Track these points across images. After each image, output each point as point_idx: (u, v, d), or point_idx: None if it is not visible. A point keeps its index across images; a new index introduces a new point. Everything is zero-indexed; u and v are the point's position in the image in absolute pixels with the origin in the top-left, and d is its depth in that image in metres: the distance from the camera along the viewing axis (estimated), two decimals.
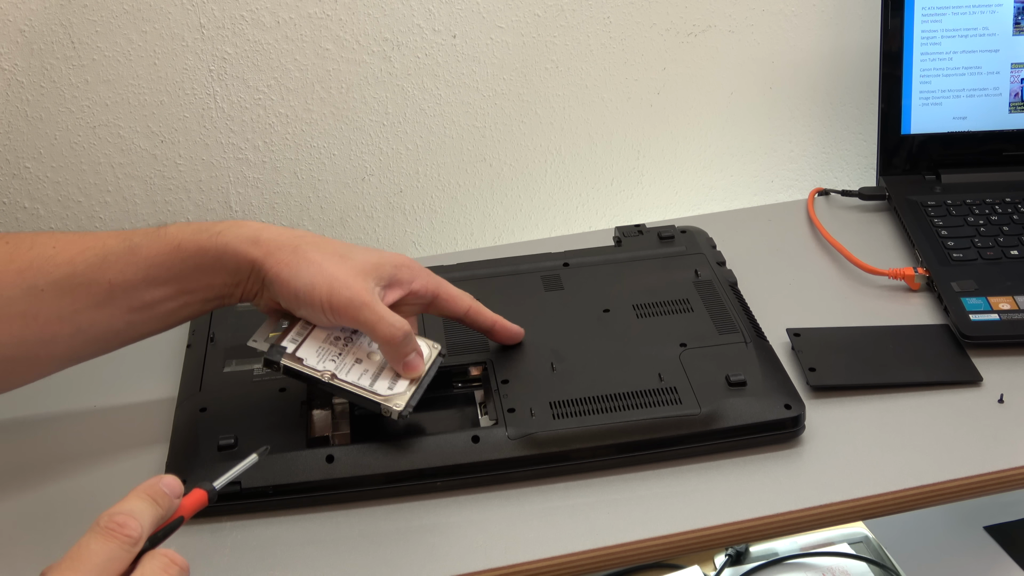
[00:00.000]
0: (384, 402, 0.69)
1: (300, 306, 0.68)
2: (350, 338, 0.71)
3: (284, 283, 0.67)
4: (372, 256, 0.71)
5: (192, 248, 0.67)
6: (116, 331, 0.69)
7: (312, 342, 0.70)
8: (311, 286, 0.67)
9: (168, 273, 0.67)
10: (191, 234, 0.68)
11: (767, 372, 0.74)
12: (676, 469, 0.70)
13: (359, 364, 0.70)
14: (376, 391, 0.69)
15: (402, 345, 0.69)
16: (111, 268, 0.67)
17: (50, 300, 0.66)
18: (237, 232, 0.68)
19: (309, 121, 0.98)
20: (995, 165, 1.01)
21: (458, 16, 0.97)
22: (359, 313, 0.68)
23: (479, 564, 0.64)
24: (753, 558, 1.08)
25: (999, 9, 0.99)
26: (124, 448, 0.74)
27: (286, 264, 0.67)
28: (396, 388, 0.69)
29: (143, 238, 0.68)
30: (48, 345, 0.67)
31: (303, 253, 0.68)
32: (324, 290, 0.67)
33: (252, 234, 0.68)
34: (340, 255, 0.69)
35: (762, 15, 1.05)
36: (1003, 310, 0.82)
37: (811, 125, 1.12)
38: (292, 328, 0.70)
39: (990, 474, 0.70)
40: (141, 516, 0.52)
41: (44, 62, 0.90)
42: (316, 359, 0.69)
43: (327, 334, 0.71)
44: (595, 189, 1.09)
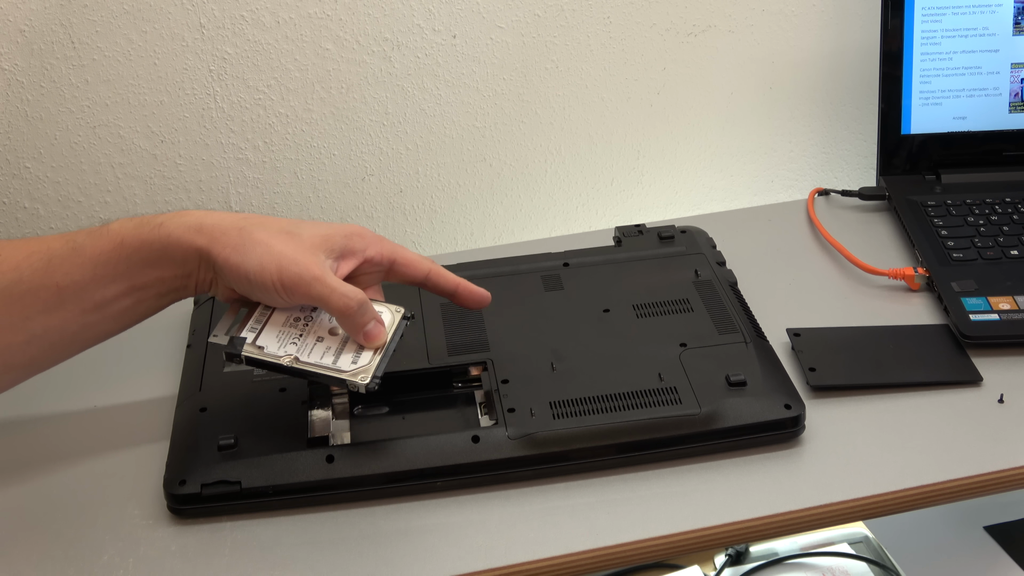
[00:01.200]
0: (349, 378, 0.67)
1: (253, 289, 0.67)
2: (310, 316, 0.70)
3: (234, 268, 0.66)
4: (321, 229, 0.70)
5: (135, 243, 0.66)
6: (72, 335, 0.67)
7: (272, 327, 0.69)
8: (260, 267, 0.66)
9: (115, 270, 0.66)
10: (133, 228, 0.67)
11: (767, 372, 0.74)
12: (676, 469, 0.70)
13: (321, 343, 0.69)
14: (340, 367, 0.68)
15: (358, 315, 0.68)
16: (57, 271, 0.65)
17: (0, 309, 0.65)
18: (179, 222, 0.67)
19: (309, 121, 0.98)
20: (995, 165, 1.01)
21: (458, 16, 0.97)
22: (311, 288, 0.67)
23: (479, 564, 0.64)
24: (753, 558, 1.08)
25: (999, 9, 0.99)
26: (124, 448, 0.74)
27: (233, 248, 0.66)
28: (360, 361, 0.68)
29: (86, 238, 0.67)
30: (1, 355, 0.66)
31: (249, 234, 0.67)
32: (274, 269, 0.66)
33: (195, 222, 0.67)
34: (287, 232, 0.68)
35: (762, 15, 1.05)
36: (1003, 310, 0.82)
37: (811, 125, 1.12)
38: (251, 316, 0.70)
39: (990, 474, 0.70)
40: None
41: (44, 62, 0.90)
42: (277, 344, 0.69)
43: (286, 316, 0.70)
44: (595, 189, 1.09)
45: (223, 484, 0.67)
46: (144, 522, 0.68)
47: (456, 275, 0.75)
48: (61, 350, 0.68)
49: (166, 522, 0.68)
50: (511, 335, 0.79)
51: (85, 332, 0.68)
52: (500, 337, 0.79)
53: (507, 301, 0.83)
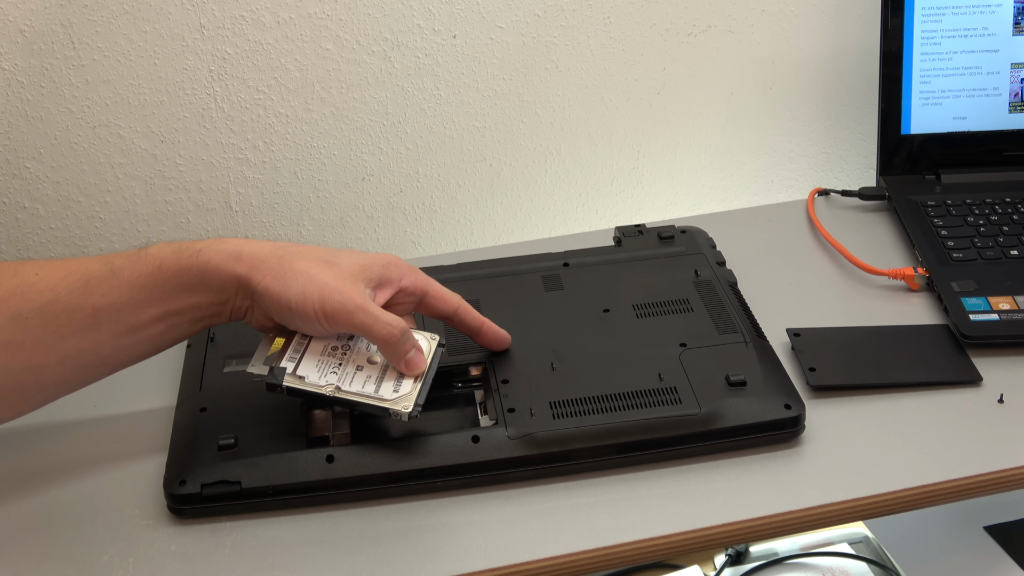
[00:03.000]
0: (392, 406, 0.68)
1: (293, 317, 0.68)
2: (348, 345, 0.71)
3: (274, 296, 0.67)
4: (358, 258, 0.70)
5: (174, 268, 0.67)
6: (104, 357, 0.67)
7: (311, 356, 0.70)
8: (302, 296, 0.67)
9: (152, 295, 0.66)
10: (172, 254, 0.67)
11: (767, 372, 0.74)
12: (676, 469, 0.70)
13: (361, 371, 0.70)
14: (382, 396, 0.69)
15: (401, 343, 0.68)
16: (94, 293, 0.66)
17: (34, 328, 0.65)
18: (218, 249, 0.67)
19: (309, 121, 0.98)
20: (995, 165, 1.01)
21: (458, 16, 0.97)
22: (353, 317, 0.67)
23: (479, 564, 0.64)
24: (753, 558, 1.08)
25: (999, 9, 0.99)
26: (124, 448, 0.74)
27: (273, 276, 0.67)
28: (402, 389, 0.69)
29: (124, 261, 0.67)
30: (35, 373, 0.66)
31: (289, 263, 0.68)
32: (316, 298, 0.67)
33: (234, 250, 0.67)
34: (326, 262, 0.69)
35: (762, 15, 1.05)
36: (1003, 310, 0.82)
37: (811, 125, 1.12)
38: (288, 345, 0.70)
39: (990, 474, 0.70)
40: None
41: (44, 62, 0.90)
42: (317, 374, 0.69)
43: (324, 345, 0.70)
44: (595, 189, 1.09)
45: (223, 484, 0.67)
46: (144, 522, 0.68)
47: (480, 315, 0.76)
48: (92, 371, 0.68)
49: (166, 522, 0.68)
50: (511, 335, 0.79)
51: (118, 354, 0.68)
52: None
53: (507, 301, 0.83)
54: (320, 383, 0.69)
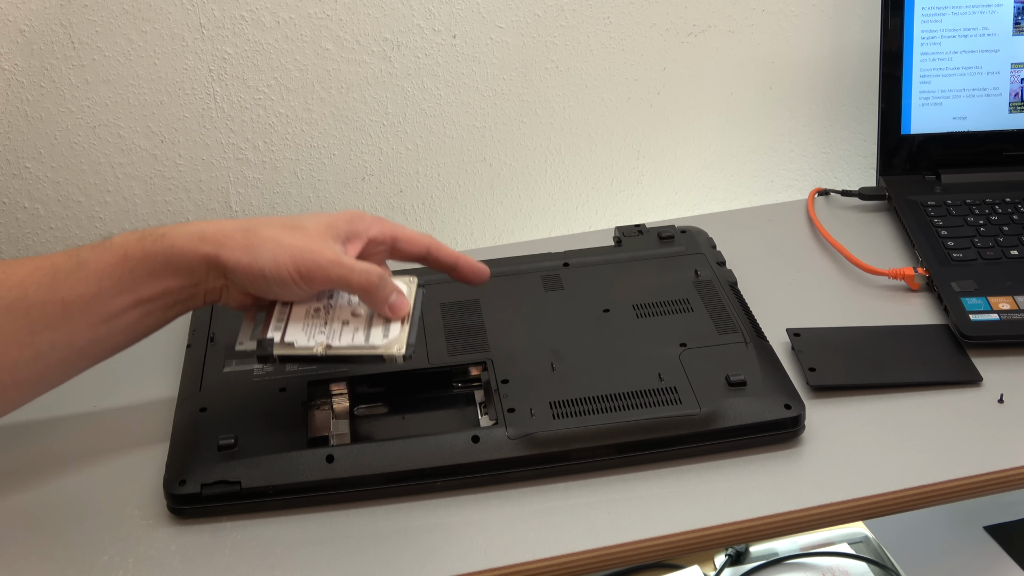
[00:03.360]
0: (385, 351, 0.69)
1: (270, 285, 0.68)
2: (329, 304, 0.71)
3: (247, 268, 0.67)
4: (323, 218, 0.71)
5: (139, 254, 0.66)
6: (80, 349, 0.67)
7: (295, 322, 0.70)
8: (274, 262, 0.67)
9: (120, 283, 0.66)
10: (136, 241, 0.67)
11: (767, 372, 0.74)
12: (676, 469, 0.70)
13: (347, 325, 0.70)
14: (373, 344, 0.69)
15: (380, 288, 0.69)
16: (62, 286, 0.65)
17: (5, 325, 0.64)
18: (182, 232, 0.67)
19: (309, 121, 0.98)
20: (995, 165, 1.01)
21: (458, 16, 0.97)
22: (329, 271, 0.68)
23: (479, 564, 0.64)
24: (753, 558, 1.08)
25: (999, 9, 0.99)
26: (124, 448, 0.74)
27: (242, 249, 0.67)
28: (391, 333, 0.69)
29: (90, 252, 0.67)
30: (10, 370, 0.65)
31: (255, 234, 0.68)
32: (288, 261, 0.67)
33: (197, 231, 0.68)
34: (291, 227, 0.69)
35: (762, 15, 1.05)
36: (1003, 310, 0.82)
37: (811, 125, 1.12)
38: (271, 316, 0.70)
39: (990, 474, 0.70)
40: None
41: (44, 62, 0.90)
42: (305, 337, 0.69)
43: (306, 308, 0.70)
44: (595, 189, 1.09)
45: (223, 484, 0.67)
46: (144, 522, 0.68)
47: (454, 251, 0.76)
48: (70, 365, 0.68)
49: (166, 522, 0.68)
50: (511, 335, 0.79)
51: (93, 346, 0.68)
52: (500, 337, 0.79)
53: (507, 301, 0.83)
54: (310, 344, 0.69)
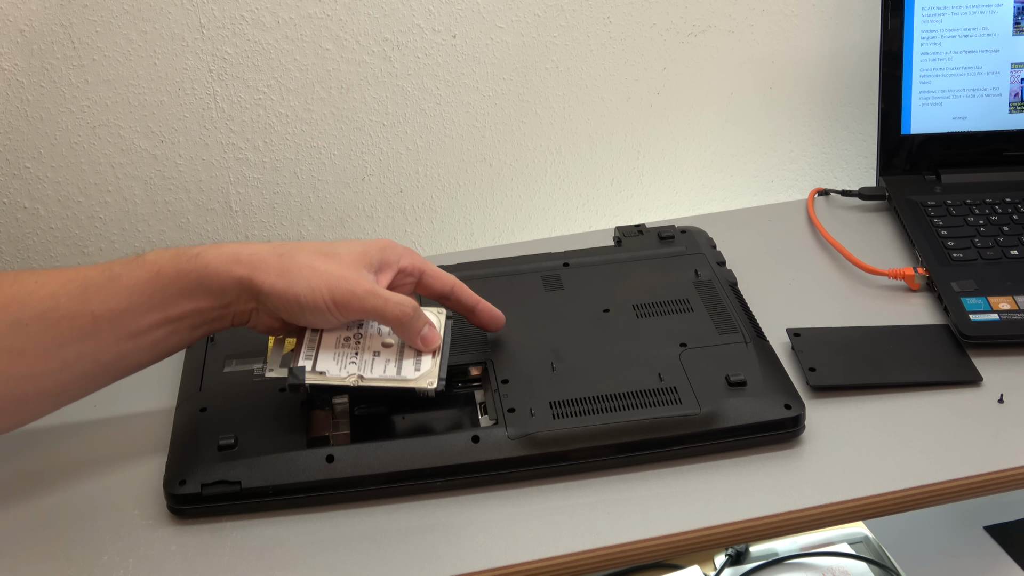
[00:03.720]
0: (417, 385, 0.69)
1: (304, 312, 0.68)
2: (359, 333, 0.71)
3: (281, 293, 0.67)
4: (356, 246, 0.71)
5: (172, 272, 0.66)
6: (104, 364, 0.67)
7: (326, 350, 0.70)
8: (310, 289, 0.67)
9: (151, 300, 0.66)
10: (170, 259, 0.67)
11: (767, 372, 0.74)
12: (676, 469, 0.70)
13: (379, 356, 0.70)
14: (405, 377, 0.70)
15: (414, 321, 0.70)
16: (93, 299, 0.65)
17: (34, 334, 0.64)
18: (216, 252, 0.67)
19: (309, 121, 0.98)
20: (995, 165, 1.01)
21: (458, 16, 0.97)
22: (365, 302, 0.68)
23: (479, 564, 0.64)
24: (753, 558, 1.08)
25: (999, 9, 0.99)
26: (124, 448, 0.74)
27: (277, 274, 0.67)
28: (422, 367, 0.70)
29: (123, 267, 0.67)
30: (35, 381, 0.65)
31: (290, 259, 0.68)
32: (324, 289, 0.67)
33: (232, 253, 0.68)
34: (326, 253, 0.69)
35: (762, 15, 1.05)
36: (1003, 310, 0.82)
37: (811, 125, 1.12)
38: (301, 343, 0.70)
39: (990, 474, 0.70)
40: None
41: (44, 62, 0.90)
42: (337, 367, 0.69)
43: (336, 337, 0.71)
44: (595, 189, 1.09)
45: (223, 484, 0.67)
46: (144, 522, 0.68)
47: (476, 294, 0.77)
48: (92, 379, 0.68)
49: (166, 522, 0.68)
50: (511, 335, 0.79)
51: (118, 362, 0.67)
52: (500, 337, 0.79)
53: (507, 301, 0.83)
54: (342, 375, 0.69)
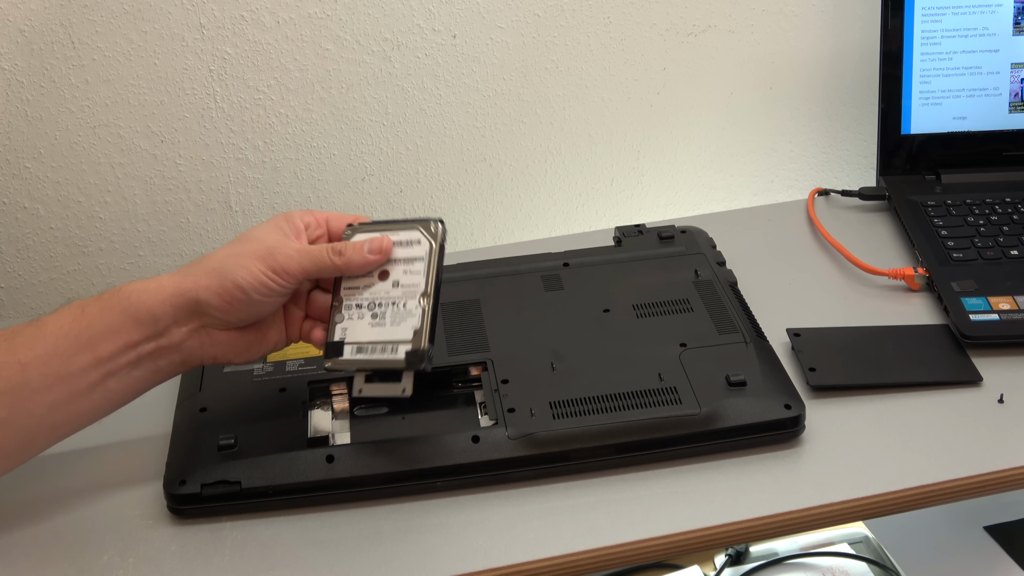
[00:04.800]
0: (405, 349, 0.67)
1: (248, 295, 0.66)
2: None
3: (217, 289, 0.65)
4: (263, 225, 0.70)
5: (95, 310, 0.64)
6: (39, 418, 0.64)
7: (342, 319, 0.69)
8: (246, 270, 0.66)
9: (78, 341, 0.64)
10: (93, 299, 0.65)
11: (767, 372, 0.74)
12: (676, 469, 0.70)
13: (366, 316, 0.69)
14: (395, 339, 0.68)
15: (353, 249, 0.69)
16: (20, 348, 0.63)
17: None
18: (137, 283, 0.66)
19: (309, 121, 0.98)
20: (995, 165, 1.01)
21: (458, 16, 0.97)
22: (301, 259, 0.67)
23: (479, 564, 0.64)
24: (753, 558, 1.08)
25: (999, 9, 0.99)
26: (124, 448, 0.74)
27: (205, 275, 0.66)
28: (411, 319, 0.68)
29: (49, 316, 0.65)
30: None
31: (209, 261, 0.67)
32: (259, 264, 0.66)
33: (152, 280, 0.66)
34: (240, 242, 0.68)
35: (762, 15, 1.05)
36: (1003, 310, 0.82)
37: (811, 125, 1.12)
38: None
39: (990, 474, 0.70)
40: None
41: (44, 62, 0.90)
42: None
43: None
44: (595, 189, 1.09)
45: (223, 484, 0.67)
46: (144, 522, 0.68)
47: None
48: (28, 436, 0.65)
49: (166, 522, 0.68)
50: (511, 335, 0.79)
51: (54, 413, 0.64)
52: (500, 337, 0.79)
53: (507, 301, 0.83)
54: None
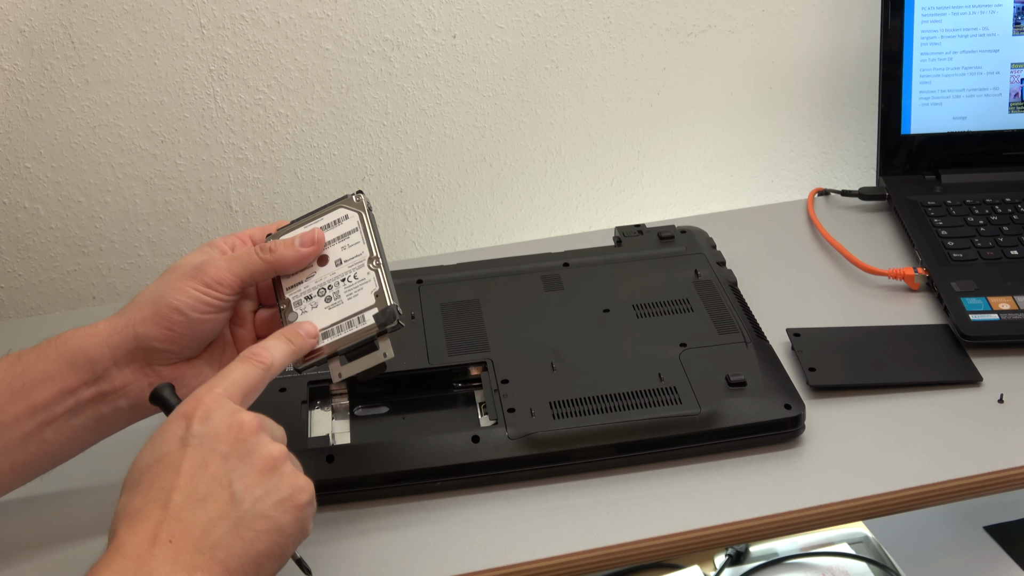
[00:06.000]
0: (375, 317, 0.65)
1: (187, 314, 0.64)
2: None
3: (154, 317, 0.63)
4: (189, 254, 0.68)
5: (32, 357, 0.63)
6: None
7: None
8: (179, 291, 0.64)
9: (11, 389, 0.62)
10: (31, 348, 0.64)
11: (767, 372, 0.74)
12: (676, 469, 0.70)
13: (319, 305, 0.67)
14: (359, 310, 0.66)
15: (284, 246, 0.67)
16: None
17: None
18: (74, 331, 0.64)
19: (309, 121, 0.98)
20: (995, 165, 1.01)
21: (458, 16, 0.97)
22: (231, 266, 0.65)
23: (479, 564, 0.64)
24: (753, 558, 1.08)
25: (999, 9, 0.99)
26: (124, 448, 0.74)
27: (138, 309, 0.64)
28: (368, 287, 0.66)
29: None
30: None
31: (142, 297, 0.65)
32: (190, 283, 0.64)
33: (88, 327, 0.64)
34: (167, 272, 0.66)
35: (762, 15, 1.05)
36: (1003, 310, 0.82)
37: (811, 125, 1.12)
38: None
39: (990, 474, 0.70)
40: (273, 349, 0.62)
41: (44, 62, 0.90)
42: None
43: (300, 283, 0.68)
44: (595, 189, 1.09)
45: None
46: None
47: None
48: None
49: None
50: (511, 335, 0.79)
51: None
52: (500, 337, 0.79)
53: (507, 301, 0.83)
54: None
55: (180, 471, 0.54)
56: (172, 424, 0.57)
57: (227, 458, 0.56)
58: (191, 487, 0.54)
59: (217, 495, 0.54)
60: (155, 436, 0.57)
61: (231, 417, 0.57)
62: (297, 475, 0.58)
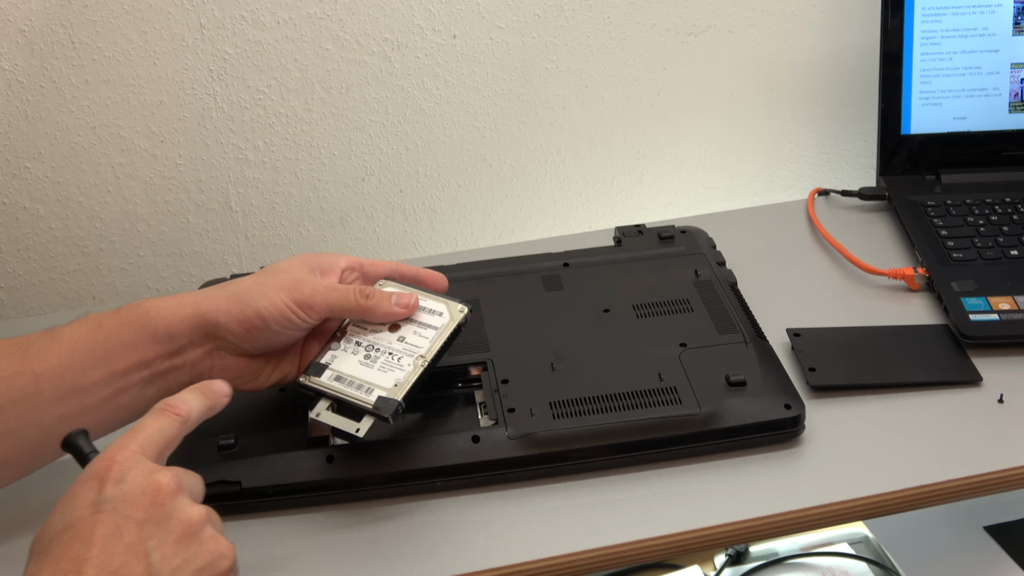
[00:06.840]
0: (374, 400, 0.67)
1: (268, 325, 0.66)
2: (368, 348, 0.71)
3: (238, 316, 0.65)
4: (293, 259, 0.70)
5: (113, 324, 0.64)
6: (47, 429, 0.62)
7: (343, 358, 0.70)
8: (269, 300, 0.66)
9: (93, 355, 0.63)
10: (111, 313, 0.65)
11: (767, 372, 0.74)
12: (676, 469, 0.70)
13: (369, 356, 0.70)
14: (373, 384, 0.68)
15: (380, 298, 0.69)
16: (34, 358, 0.62)
17: None
18: (158, 300, 0.65)
19: (309, 121, 0.98)
20: (995, 165, 1.01)
21: (458, 16, 0.97)
22: (328, 296, 0.67)
23: (479, 564, 0.64)
24: (753, 558, 1.08)
25: (999, 9, 0.99)
26: None
27: (227, 300, 0.65)
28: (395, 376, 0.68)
29: (66, 327, 0.64)
30: None
31: (234, 287, 0.66)
32: (283, 296, 0.66)
33: (173, 298, 0.65)
34: (267, 272, 0.68)
35: (762, 15, 1.05)
36: (1003, 310, 0.82)
37: (811, 125, 1.12)
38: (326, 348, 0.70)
39: (990, 474, 0.70)
40: (190, 402, 0.59)
41: (44, 62, 0.90)
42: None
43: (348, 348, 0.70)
44: (595, 189, 1.09)
45: (223, 484, 0.67)
46: None
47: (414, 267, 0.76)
48: (36, 447, 0.64)
49: None
50: (511, 335, 0.79)
51: (63, 425, 0.62)
52: (500, 337, 0.79)
53: (507, 301, 0.83)
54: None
55: (92, 541, 0.51)
56: (83, 486, 0.53)
57: (143, 525, 0.52)
58: (104, 559, 0.50)
59: (132, 567, 0.51)
60: (65, 498, 0.54)
61: (147, 479, 0.54)
62: (218, 540, 0.55)
